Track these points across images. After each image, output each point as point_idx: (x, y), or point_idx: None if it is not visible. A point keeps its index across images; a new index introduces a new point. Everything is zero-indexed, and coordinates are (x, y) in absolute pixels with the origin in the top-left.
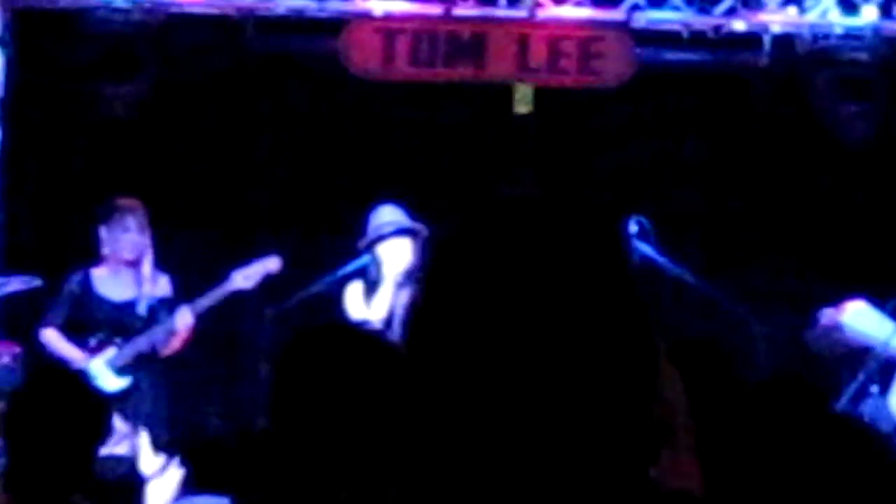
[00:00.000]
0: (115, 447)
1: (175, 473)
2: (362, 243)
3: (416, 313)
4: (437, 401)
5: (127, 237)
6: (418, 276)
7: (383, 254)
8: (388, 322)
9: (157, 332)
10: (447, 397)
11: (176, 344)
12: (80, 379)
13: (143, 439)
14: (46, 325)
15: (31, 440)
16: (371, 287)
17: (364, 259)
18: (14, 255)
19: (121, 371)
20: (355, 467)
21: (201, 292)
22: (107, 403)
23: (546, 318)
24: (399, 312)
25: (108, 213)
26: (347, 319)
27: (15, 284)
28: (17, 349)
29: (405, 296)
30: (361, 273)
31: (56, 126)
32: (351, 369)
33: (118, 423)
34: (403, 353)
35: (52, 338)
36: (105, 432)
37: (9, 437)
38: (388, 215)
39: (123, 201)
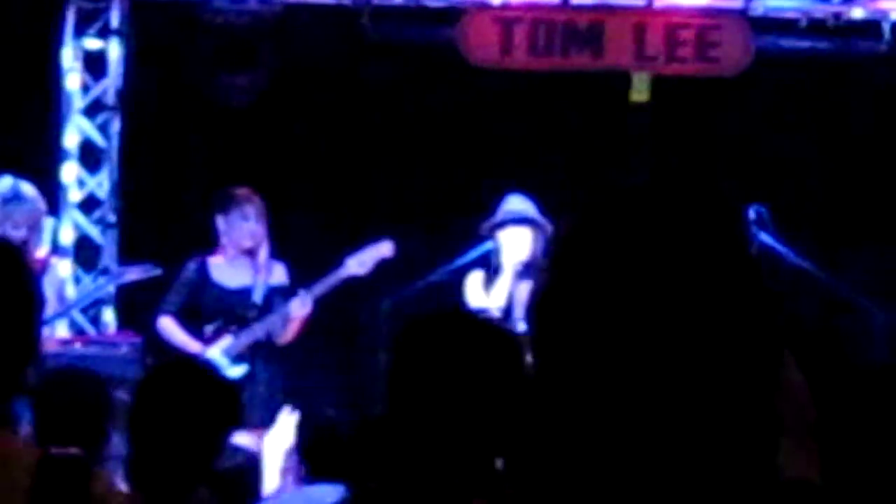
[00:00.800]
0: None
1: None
2: (484, 227)
3: (541, 303)
4: (560, 389)
5: (246, 225)
6: (541, 265)
7: (503, 242)
8: (507, 311)
9: (273, 320)
10: (571, 385)
11: (292, 332)
12: (210, 367)
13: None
14: (163, 313)
15: (159, 430)
16: (491, 276)
17: (484, 247)
18: (132, 243)
19: (237, 359)
20: (471, 455)
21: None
22: (237, 392)
23: (669, 306)
24: (518, 302)
25: (226, 202)
26: (467, 307)
27: (134, 273)
28: (137, 338)
29: (524, 286)
30: (481, 262)
31: (174, 116)
32: (468, 356)
33: None
34: (520, 341)
35: (168, 326)
36: (237, 421)
37: (134, 427)
38: (514, 204)
39: (239, 190)
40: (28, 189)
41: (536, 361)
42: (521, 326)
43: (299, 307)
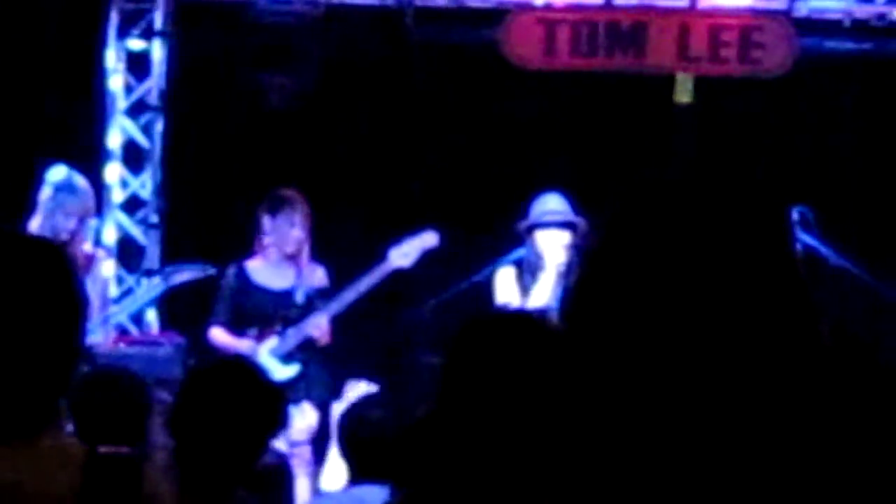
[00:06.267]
0: None
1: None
2: (521, 226)
3: (578, 294)
4: (594, 381)
5: (293, 232)
6: (580, 258)
7: (543, 243)
8: (546, 312)
9: (310, 323)
10: (604, 377)
11: (323, 338)
12: (256, 369)
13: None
14: (214, 324)
15: (202, 430)
16: (527, 275)
17: (524, 248)
18: (175, 244)
19: (286, 360)
20: (523, 454)
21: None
22: (282, 393)
23: (709, 302)
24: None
25: (275, 206)
26: (499, 305)
27: (187, 273)
28: (179, 339)
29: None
30: (515, 262)
31: (217, 117)
32: (525, 356)
33: None
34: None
35: (219, 336)
36: (281, 423)
37: (177, 427)
38: (552, 204)
39: (290, 194)
40: (81, 180)
41: (569, 353)
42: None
43: (316, 324)
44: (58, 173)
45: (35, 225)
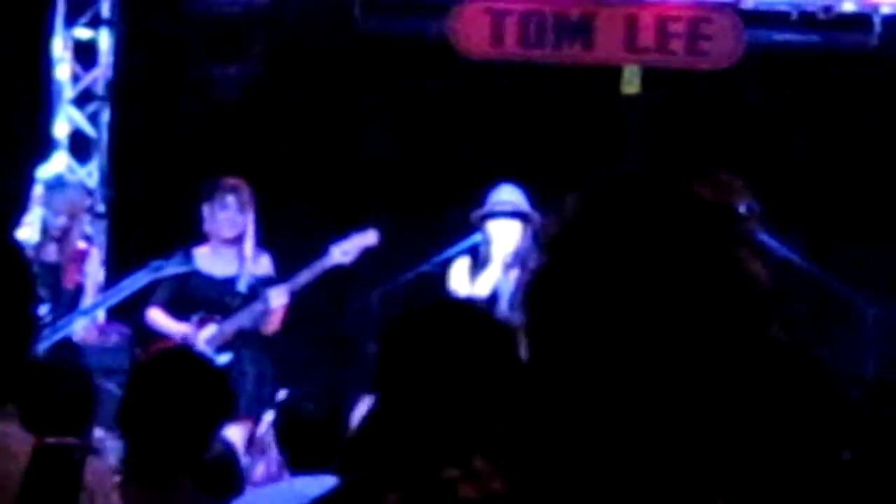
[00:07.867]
0: None
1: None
2: (475, 215)
3: (536, 286)
4: (553, 374)
5: (226, 215)
6: (534, 252)
7: (494, 233)
8: (491, 301)
9: (254, 310)
10: (564, 370)
11: (275, 323)
12: (204, 357)
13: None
14: (152, 305)
15: (152, 419)
16: (477, 265)
17: (474, 238)
18: (122, 234)
19: (221, 349)
20: (463, 444)
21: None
22: (228, 380)
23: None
24: (503, 293)
25: (210, 192)
26: (453, 296)
27: (173, 268)
28: (126, 329)
29: (511, 277)
30: (470, 253)
31: (164, 106)
32: (460, 346)
33: None
34: (512, 330)
35: (157, 317)
36: (230, 411)
37: (126, 417)
38: (506, 194)
39: (227, 180)
40: (71, 178)
41: (529, 345)
42: (508, 316)
43: (276, 298)
44: (48, 171)
45: (27, 222)
